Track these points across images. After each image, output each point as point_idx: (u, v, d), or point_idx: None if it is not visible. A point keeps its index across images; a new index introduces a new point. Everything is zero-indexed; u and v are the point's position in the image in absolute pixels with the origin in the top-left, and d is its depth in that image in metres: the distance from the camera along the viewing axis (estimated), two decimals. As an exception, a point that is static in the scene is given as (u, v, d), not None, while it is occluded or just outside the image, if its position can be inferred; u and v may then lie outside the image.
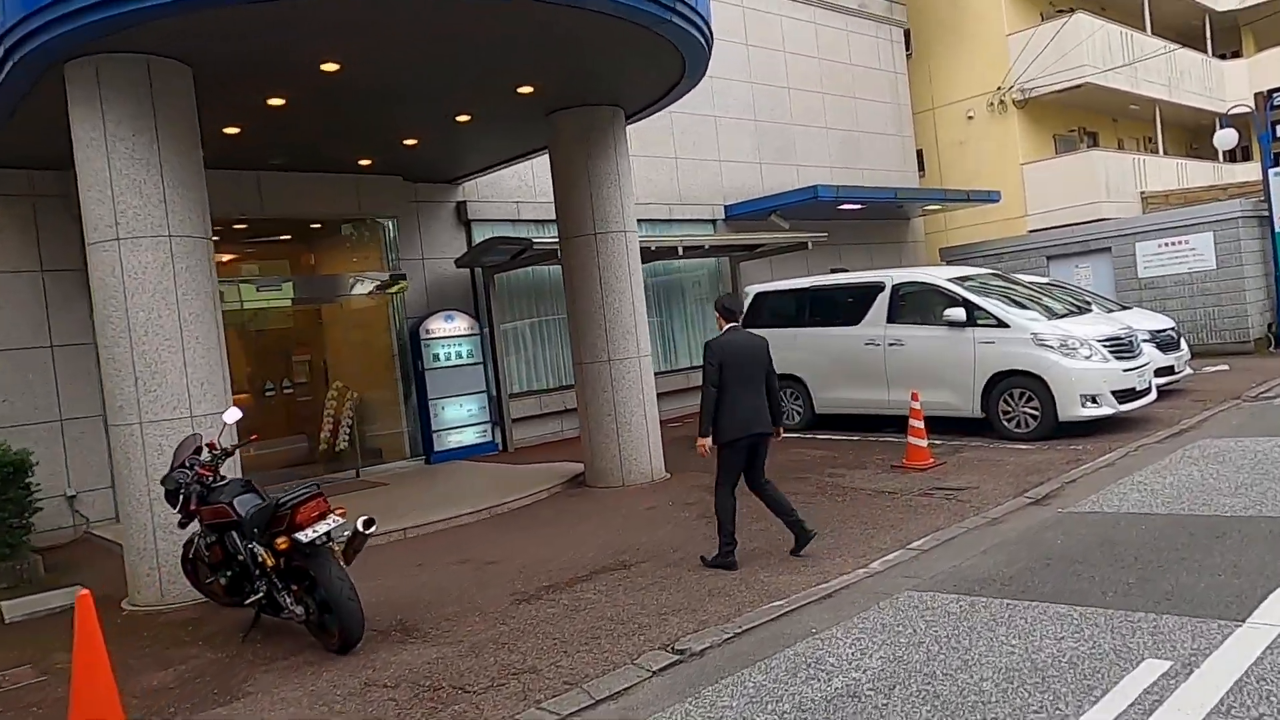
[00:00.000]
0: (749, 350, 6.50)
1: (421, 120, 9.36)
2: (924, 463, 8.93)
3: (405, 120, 9.28)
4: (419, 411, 12.08)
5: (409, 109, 8.91)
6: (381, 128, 9.44)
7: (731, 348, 6.43)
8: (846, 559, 6.22)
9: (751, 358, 6.46)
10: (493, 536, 7.87)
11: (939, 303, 10.52)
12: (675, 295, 15.73)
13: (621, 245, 9.47)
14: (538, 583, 6.34)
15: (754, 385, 6.43)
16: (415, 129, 9.65)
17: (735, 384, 6.32)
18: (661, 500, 8.67)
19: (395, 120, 9.24)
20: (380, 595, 6.33)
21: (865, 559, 6.18)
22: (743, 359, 6.40)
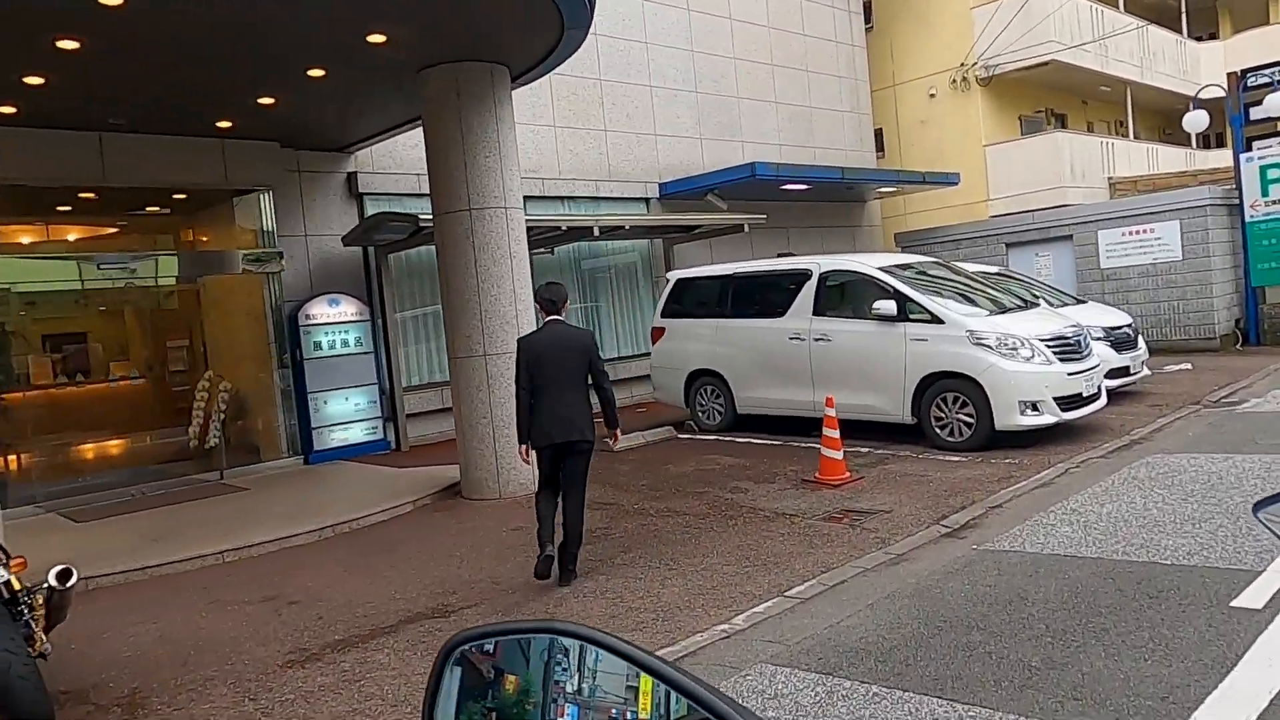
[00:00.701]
0: (564, 347, 5.81)
1: (263, 74, 8.08)
2: (838, 478, 7.82)
3: (242, 74, 7.99)
4: (298, 406, 10.85)
5: (240, 59, 7.63)
6: (217, 83, 8.15)
7: (541, 345, 5.81)
8: (710, 610, 5.09)
9: (566, 356, 5.78)
10: (320, 564, 6.69)
11: (870, 294, 9.39)
12: (603, 280, 14.53)
13: (501, 223, 8.26)
14: (331, 634, 5.17)
15: (570, 387, 5.76)
16: (262, 85, 8.37)
17: (546, 386, 5.73)
18: (528, 519, 7.50)
19: (230, 73, 7.95)
20: (134, 648, 5.15)
21: (731, 611, 5.04)
22: (556, 357, 5.75)
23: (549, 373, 5.73)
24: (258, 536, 7.21)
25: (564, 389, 5.74)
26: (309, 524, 7.51)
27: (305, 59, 7.76)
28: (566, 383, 5.75)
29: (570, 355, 5.80)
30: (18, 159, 8.66)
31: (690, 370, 11.10)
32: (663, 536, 6.62)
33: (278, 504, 8.52)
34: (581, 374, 5.81)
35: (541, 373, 5.72)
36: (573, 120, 13.95)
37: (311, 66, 7.91)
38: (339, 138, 10.97)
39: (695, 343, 11.01)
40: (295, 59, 7.74)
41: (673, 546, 6.37)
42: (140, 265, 9.92)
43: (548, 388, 5.73)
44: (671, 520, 7.06)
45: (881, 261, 9.76)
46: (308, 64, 7.85)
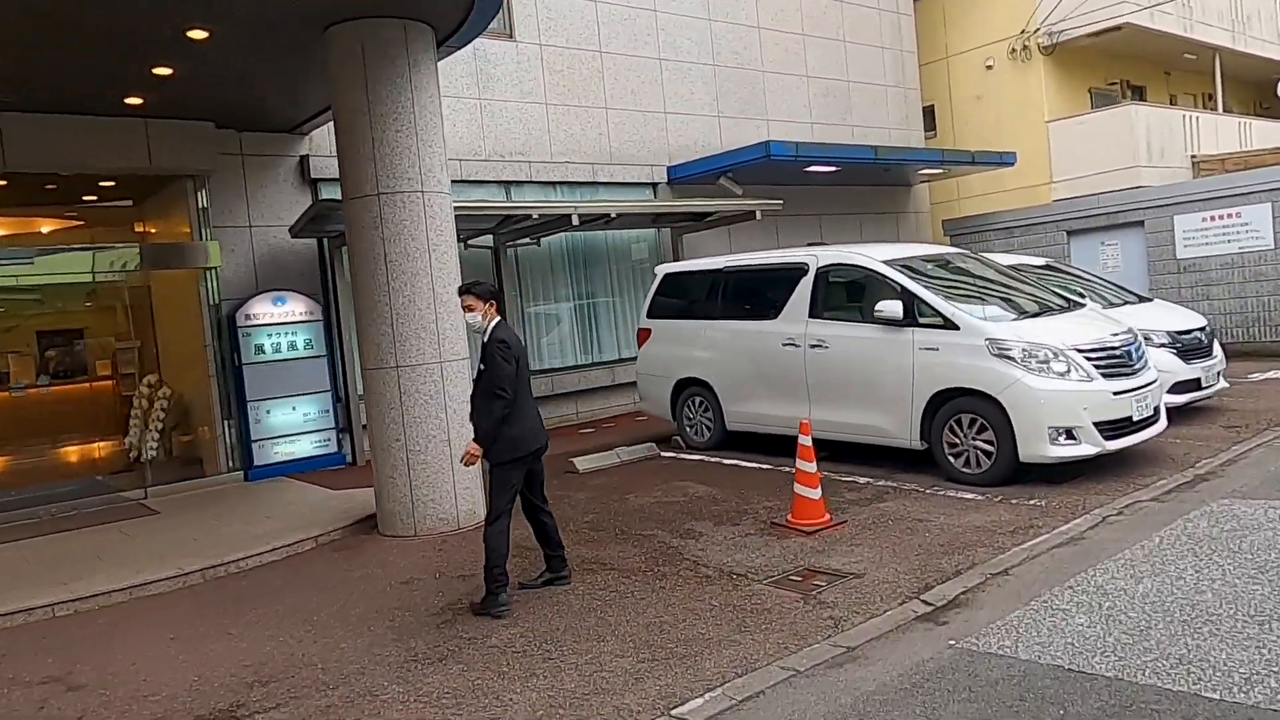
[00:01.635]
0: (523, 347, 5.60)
1: (139, 40, 6.89)
2: (814, 521, 6.32)
3: (115, 40, 6.82)
4: (238, 416, 9.76)
5: (105, 22, 6.46)
6: (93, 52, 7.02)
7: (518, 342, 5.46)
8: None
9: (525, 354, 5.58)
10: (152, 626, 5.49)
11: (874, 293, 7.83)
12: (600, 275, 13.14)
13: (416, 211, 6.95)
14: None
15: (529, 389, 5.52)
16: (146, 53, 7.20)
17: (522, 389, 5.36)
18: (439, 566, 6.22)
19: (101, 40, 6.79)
20: None
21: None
22: (523, 356, 5.47)
23: (525, 375, 5.44)
24: (106, 584, 6.07)
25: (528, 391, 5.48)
26: (179, 566, 6.35)
27: (179, 18, 6.56)
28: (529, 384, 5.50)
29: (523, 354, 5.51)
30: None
31: (677, 379, 9.67)
32: (566, 606, 5.24)
33: (172, 535, 7.40)
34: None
35: (520, 375, 5.34)
36: (568, 97, 12.59)
37: (190, 27, 6.71)
38: (288, 116, 9.82)
39: (683, 347, 9.58)
40: (167, 18, 6.55)
41: (570, 620, 4.99)
42: (42, 260, 8.92)
43: (523, 390, 5.38)
44: (591, 579, 5.68)
45: (891, 254, 8.15)
46: (183, 23, 6.65)
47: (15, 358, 11.21)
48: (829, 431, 8.17)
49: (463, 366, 7.19)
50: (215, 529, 7.48)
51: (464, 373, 7.18)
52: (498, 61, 11.95)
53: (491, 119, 11.87)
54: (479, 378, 5.33)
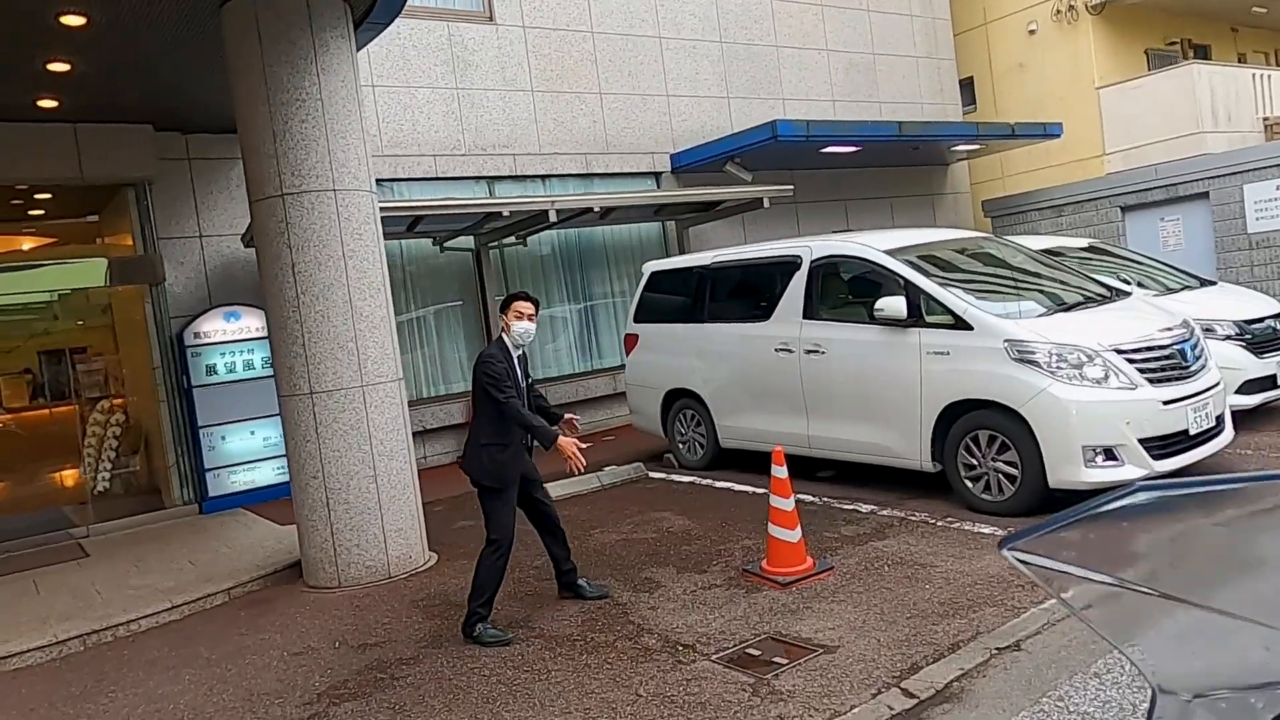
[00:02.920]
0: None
1: (8, 32, 6.05)
2: (791, 570, 5.22)
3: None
4: (192, 443, 8.97)
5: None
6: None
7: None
8: None
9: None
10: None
11: (875, 288, 6.68)
12: (598, 274, 12.12)
13: (327, 212, 6.01)
14: None
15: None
16: (21, 44, 6.35)
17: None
18: (344, 631, 5.27)
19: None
20: None
21: None
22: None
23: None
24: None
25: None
26: (55, 634, 5.50)
27: (46, 4, 5.71)
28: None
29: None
30: None
31: (666, 390, 8.61)
32: (464, 694, 4.24)
33: (80, 587, 6.59)
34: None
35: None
36: (556, 82, 11.58)
37: (62, 12, 5.86)
38: (231, 115, 8.96)
39: (672, 355, 8.52)
40: (34, 5, 5.70)
41: (459, 716, 3.99)
42: None
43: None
44: (508, 653, 4.67)
45: (896, 241, 6.98)
46: (54, 9, 5.80)
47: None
48: (830, 450, 7.08)
49: (391, 390, 6.24)
50: (127, 579, 6.66)
51: (392, 397, 6.23)
52: (476, 47, 11.00)
53: (471, 109, 10.93)
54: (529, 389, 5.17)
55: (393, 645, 4.96)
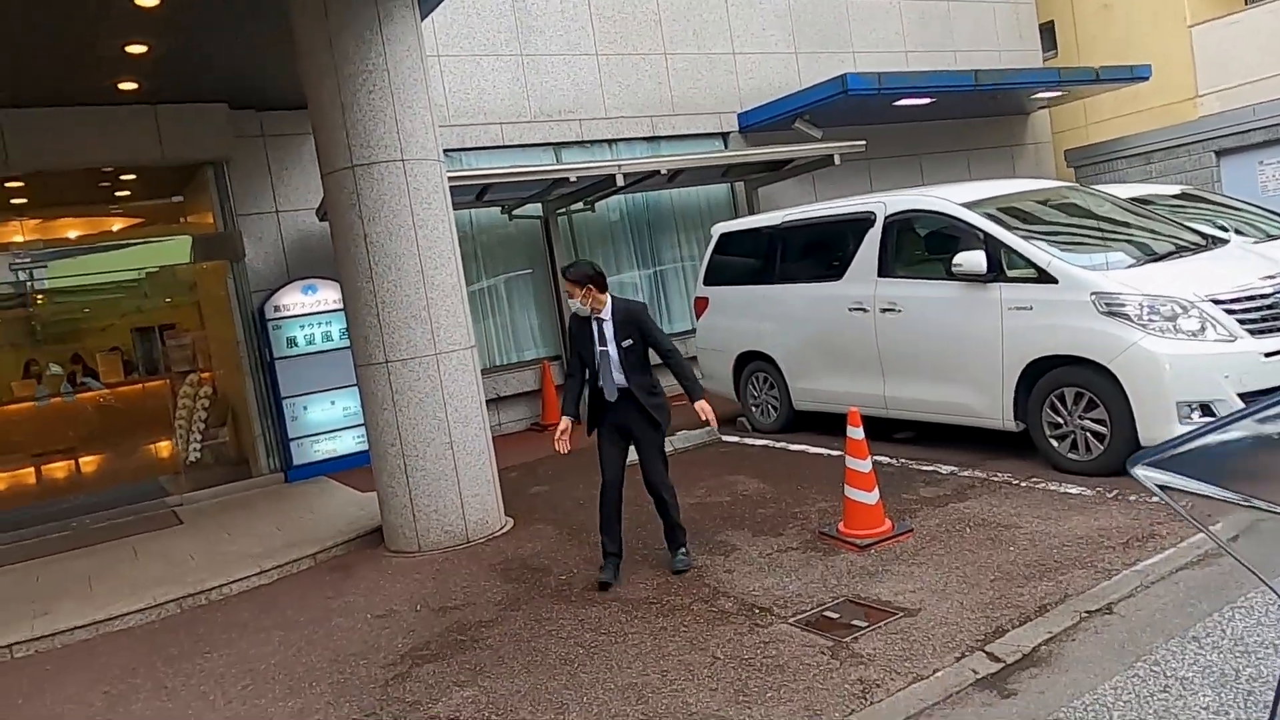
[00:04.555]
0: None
1: (80, 11, 6.18)
2: (869, 532, 5.13)
3: (52, 11, 6.15)
4: (275, 414, 9.24)
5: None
6: (45, 29, 6.38)
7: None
8: None
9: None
10: (94, 674, 4.87)
11: (953, 242, 6.46)
12: (666, 239, 12.02)
13: (397, 183, 6.05)
14: None
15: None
16: (101, 28, 6.50)
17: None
18: (425, 595, 5.38)
19: (44, 16, 6.14)
20: None
21: None
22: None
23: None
24: (74, 619, 5.53)
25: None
26: (154, 596, 5.75)
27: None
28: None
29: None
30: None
31: (738, 353, 8.52)
32: (542, 656, 4.28)
33: (175, 553, 6.87)
34: None
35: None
36: (620, 44, 11.45)
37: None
38: (302, 91, 9.10)
39: (743, 317, 8.42)
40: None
41: (537, 679, 4.03)
42: (68, 262, 8.55)
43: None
44: (585, 614, 4.70)
45: (975, 193, 6.73)
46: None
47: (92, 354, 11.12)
48: (908, 411, 6.93)
49: (464, 358, 6.29)
50: (219, 545, 6.90)
51: (465, 365, 6.29)
52: (539, 12, 10.93)
53: (535, 76, 10.88)
54: (628, 351, 5.05)
55: (472, 608, 5.04)
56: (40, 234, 9.44)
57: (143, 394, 10.30)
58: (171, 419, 9.69)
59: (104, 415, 10.28)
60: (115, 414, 10.30)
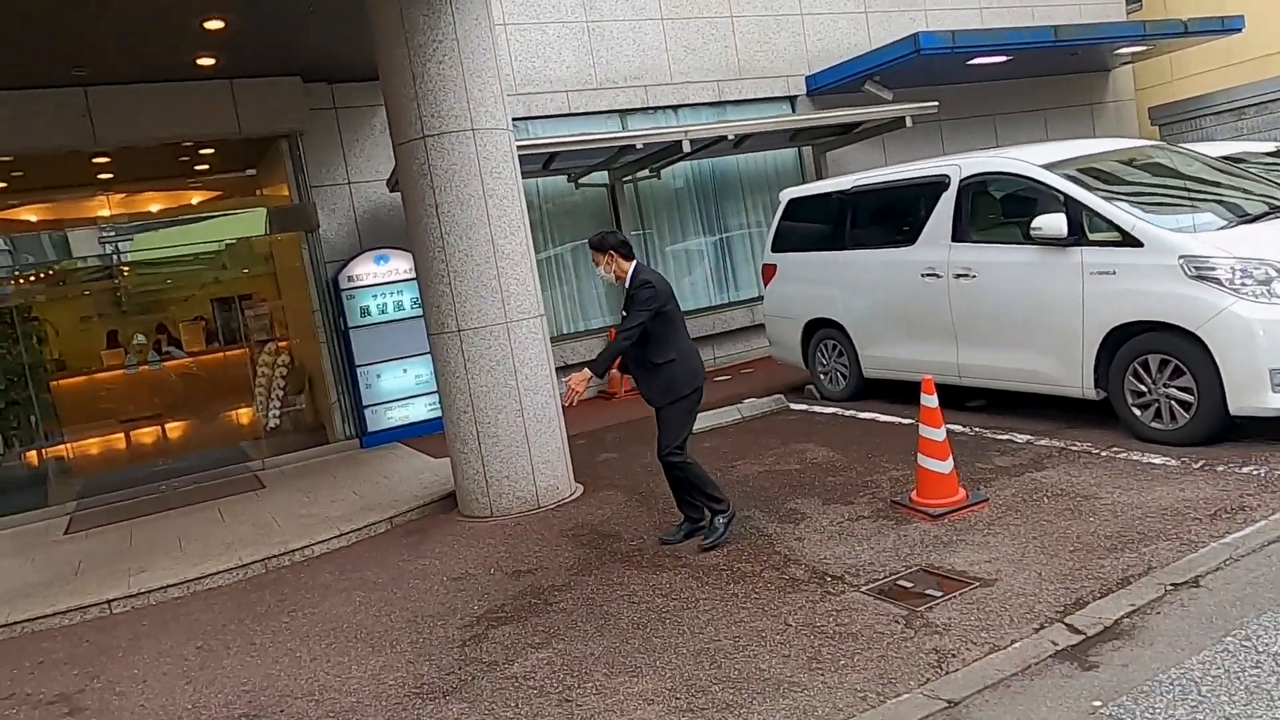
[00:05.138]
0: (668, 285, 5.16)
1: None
2: (943, 501, 5.06)
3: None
4: (350, 382, 9.46)
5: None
6: (127, 9, 6.56)
7: (663, 279, 5.10)
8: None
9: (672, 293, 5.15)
10: (186, 631, 5.09)
11: (1032, 205, 6.28)
12: (733, 205, 11.91)
13: (467, 152, 6.10)
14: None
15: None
16: (180, 4, 6.65)
17: (682, 322, 5.16)
18: (499, 559, 5.49)
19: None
20: None
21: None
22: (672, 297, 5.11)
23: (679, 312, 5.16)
24: (166, 578, 5.78)
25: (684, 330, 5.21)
26: (240, 557, 5.98)
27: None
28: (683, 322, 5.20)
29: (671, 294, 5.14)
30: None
31: (806, 320, 8.44)
32: (615, 619, 4.34)
33: (259, 515, 7.12)
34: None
35: (677, 312, 5.11)
36: (686, 8, 11.31)
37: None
38: (373, 63, 9.20)
39: (811, 284, 8.33)
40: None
41: (611, 641, 4.09)
42: (141, 236, 8.83)
43: (681, 325, 5.14)
44: (655, 580, 4.75)
45: (1055, 154, 6.52)
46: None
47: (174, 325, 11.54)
48: (982, 379, 6.79)
49: (534, 326, 6.35)
50: (299, 508, 7.13)
51: (535, 333, 6.35)
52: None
53: (601, 42, 10.82)
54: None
55: (544, 572, 5.13)
56: (125, 208, 9.78)
57: (224, 362, 10.65)
58: (251, 386, 10.01)
59: (188, 383, 10.67)
60: (198, 382, 10.67)
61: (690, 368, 5.09)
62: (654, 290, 4.94)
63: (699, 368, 5.17)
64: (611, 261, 5.13)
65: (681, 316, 5.15)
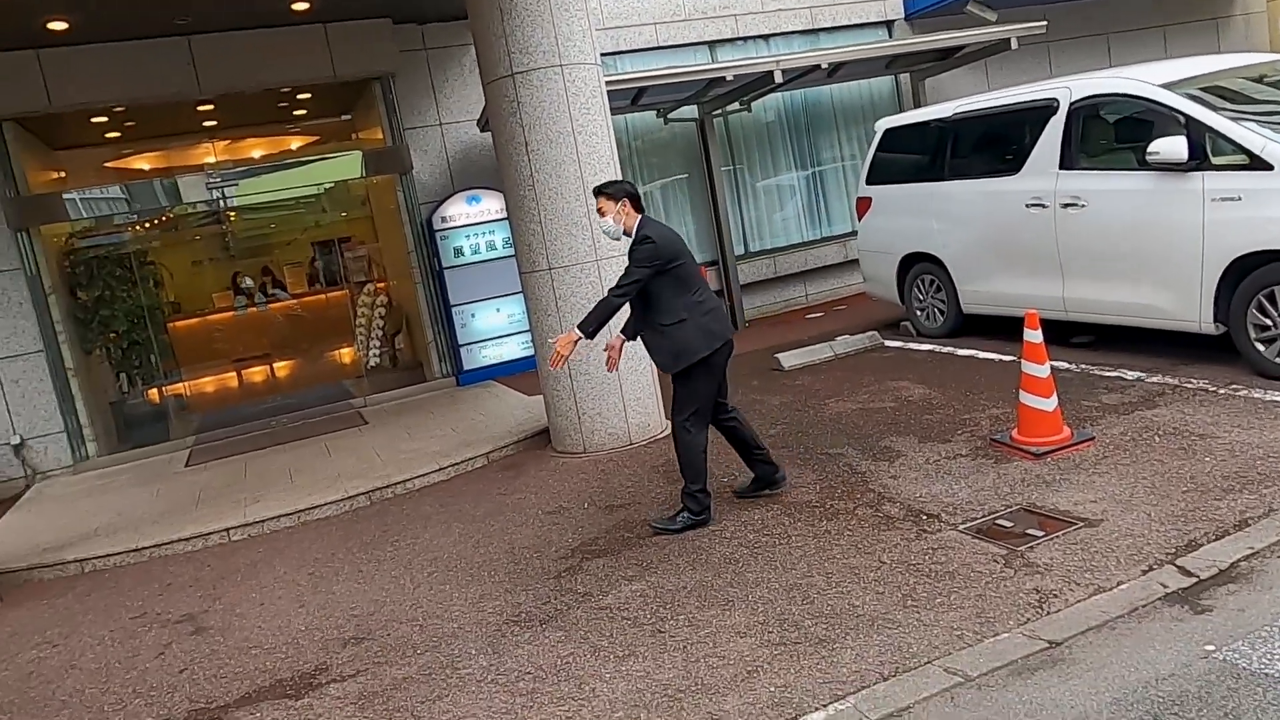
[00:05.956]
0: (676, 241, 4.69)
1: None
2: (1047, 439, 4.90)
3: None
4: (445, 321, 9.67)
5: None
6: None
7: (673, 236, 4.67)
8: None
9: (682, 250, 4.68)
10: (295, 559, 5.35)
11: (1149, 128, 5.91)
12: (826, 138, 11.56)
13: (556, 89, 6.06)
14: (146, 716, 3.77)
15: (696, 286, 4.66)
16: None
17: (694, 280, 4.63)
18: (593, 493, 5.58)
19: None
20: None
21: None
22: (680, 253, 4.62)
23: (693, 268, 4.65)
24: (279, 508, 6.08)
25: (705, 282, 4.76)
26: (346, 489, 6.24)
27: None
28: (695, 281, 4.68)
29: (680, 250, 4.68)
30: (93, 79, 8.04)
31: (903, 255, 8.21)
32: (707, 555, 4.38)
33: (362, 450, 7.40)
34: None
35: (688, 269, 4.61)
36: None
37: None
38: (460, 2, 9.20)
39: (908, 216, 8.08)
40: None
41: (703, 575, 4.13)
42: (245, 182, 9.11)
43: (696, 283, 4.63)
44: (747, 517, 4.76)
45: (1175, 72, 6.09)
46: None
47: (279, 268, 11.95)
48: (1089, 313, 6.52)
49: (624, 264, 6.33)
50: (400, 444, 7.38)
51: (625, 270, 6.33)
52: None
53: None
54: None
55: (637, 507, 5.19)
56: (229, 155, 10.09)
57: (325, 303, 11.01)
58: (352, 327, 10.32)
59: (293, 324, 11.07)
60: (303, 322, 11.07)
61: (704, 329, 4.54)
62: (654, 247, 4.48)
63: (719, 329, 4.61)
64: (623, 212, 4.69)
65: (697, 274, 4.62)
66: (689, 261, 4.63)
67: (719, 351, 4.60)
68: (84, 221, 9.22)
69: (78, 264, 9.12)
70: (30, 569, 5.78)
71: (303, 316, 11.14)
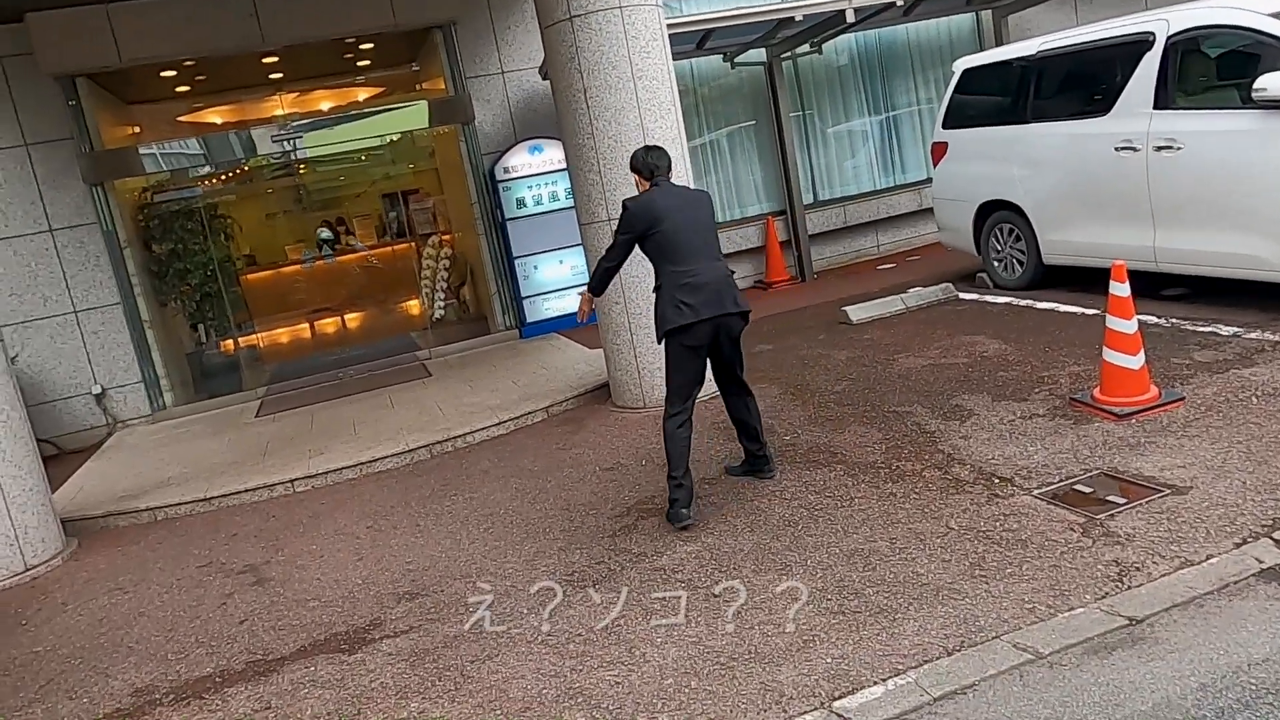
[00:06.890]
0: (691, 204, 4.41)
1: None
2: (1132, 399, 4.61)
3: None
4: (508, 273, 9.61)
5: None
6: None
7: (662, 204, 4.31)
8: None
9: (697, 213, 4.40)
10: (357, 510, 5.39)
11: (1255, 63, 5.44)
12: (901, 81, 11.06)
13: (615, 32, 5.84)
14: (207, 666, 3.82)
15: (709, 250, 4.34)
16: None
17: (682, 250, 4.26)
18: (651, 450, 5.48)
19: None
20: (59, 637, 4.28)
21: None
22: (685, 216, 4.32)
23: (688, 235, 4.28)
24: (342, 460, 6.14)
25: (706, 252, 4.31)
26: (407, 443, 6.26)
27: None
28: (706, 246, 4.32)
29: (702, 213, 4.42)
30: (159, 33, 8.09)
31: (980, 203, 7.82)
32: (765, 516, 4.24)
33: (425, 402, 7.42)
34: (715, 236, 4.44)
35: (674, 237, 4.26)
36: None
37: None
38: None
39: (986, 162, 7.68)
40: None
41: (760, 538, 4.01)
42: (311, 135, 9.11)
43: (687, 252, 4.25)
44: (809, 477, 4.60)
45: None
46: None
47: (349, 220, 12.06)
48: (1183, 264, 6.11)
49: (686, 214, 6.14)
50: (462, 397, 7.38)
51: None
52: None
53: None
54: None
55: (695, 465, 5.05)
56: (297, 107, 10.11)
57: (392, 256, 11.06)
58: (417, 279, 10.34)
59: (360, 276, 11.16)
60: (370, 274, 11.16)
61: (676, 302, 4.16)
62: (628, 215, 4.32)
63: (697, 303, 4.15)
64: (640, 184, 4.50)
65: (685, 244, 4.24)
66: (671, 230, 4.25)
67: (694, 330, 4.17)
68: (157, 175, 9.37)
69: (151, 218, 9.29)
70: (107, 515, 5.95)
71: (369, 269, 11.22)
